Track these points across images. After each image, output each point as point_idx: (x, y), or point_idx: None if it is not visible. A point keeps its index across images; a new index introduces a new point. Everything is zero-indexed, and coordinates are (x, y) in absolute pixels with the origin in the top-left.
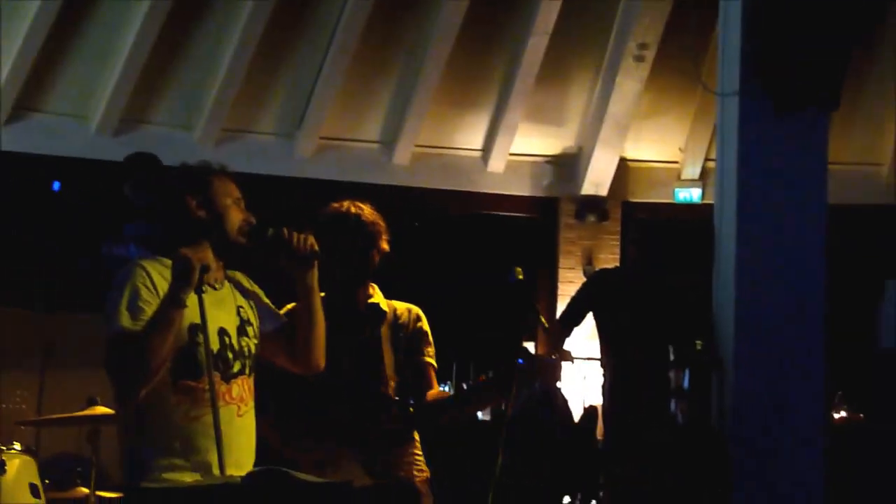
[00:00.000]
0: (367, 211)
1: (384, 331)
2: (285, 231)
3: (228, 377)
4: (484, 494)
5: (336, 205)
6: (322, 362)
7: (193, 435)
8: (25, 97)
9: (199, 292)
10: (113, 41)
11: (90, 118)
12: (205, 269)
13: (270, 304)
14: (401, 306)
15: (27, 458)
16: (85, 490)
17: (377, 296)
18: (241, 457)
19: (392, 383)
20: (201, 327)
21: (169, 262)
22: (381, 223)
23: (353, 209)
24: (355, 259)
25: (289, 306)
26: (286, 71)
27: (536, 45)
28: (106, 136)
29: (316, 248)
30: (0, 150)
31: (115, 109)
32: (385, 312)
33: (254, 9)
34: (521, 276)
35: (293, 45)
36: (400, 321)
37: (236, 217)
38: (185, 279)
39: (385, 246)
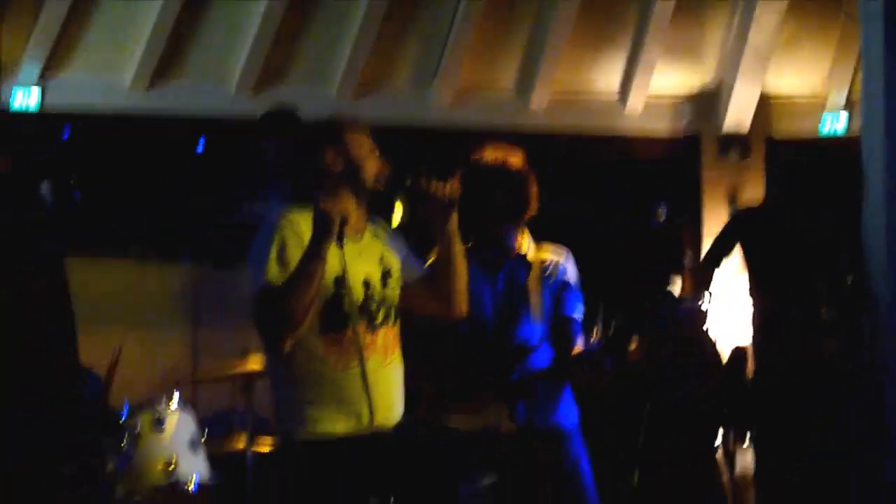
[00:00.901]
0: (512, 158)
1: (531, 281)
2: (423, 180)
3: (374, 327)
4: (634, 439)
5: (485, 152)
6: (464, 309)
7: (343, 385)
8: (167, 61)
9: (340, 244)
10: (247, 2)
11: (229, 79)
12: (344, 221)
13: (410, 252)
14: (548, 254)
15: (184, 413)
16: (242, 441)
17: (526, 243)
18: (391, 404)
19: (536, 330)
20: (344, 279)
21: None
22: (530, 169)
23: (500, 158)
24: (506, 206)
25: (432, 257)
26: (420, 21)
27: None
28: (245, 95)
29: (455, 195)
30: (146, 113)
31: (253, 69)
32: (532, 263)
33: None
34: (663, 218)
35: None
36: (546, 270)
37: (373, 167)
38: (325, 232)
39: (534, 192)
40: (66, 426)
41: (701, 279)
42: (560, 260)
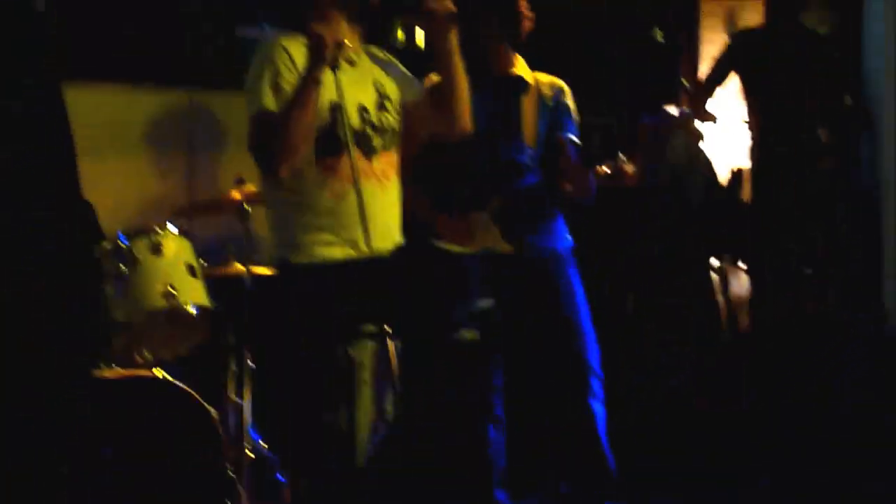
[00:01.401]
0: None
1: (526, 102)
2: None
3: (370, 153)
4: (630, 262)
5: None
6: (468, 125)
7: (340, 211)
8: None
9: (335, 69)
10: None
11: None
12: (338, 44)
13: (408, 73)
14: (545, 79)
15: (182, 238)
16: (240, 267)
17: (521, 67)
18: (388, 229)
19: (531, 152)
20: (339, 105)
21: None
22: None
23: None
24: (497, 27)
25: (432, 76)
26: None
27: None
28: None
29: (453, 10)
30: None
31: None
32: (528, 83)
33: None
34: (660, 39)
35: None
36: (542, 93)
37: None
38: (319, 56)
39: (527, 14)
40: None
41: (698, 99)
42: (558, 83)
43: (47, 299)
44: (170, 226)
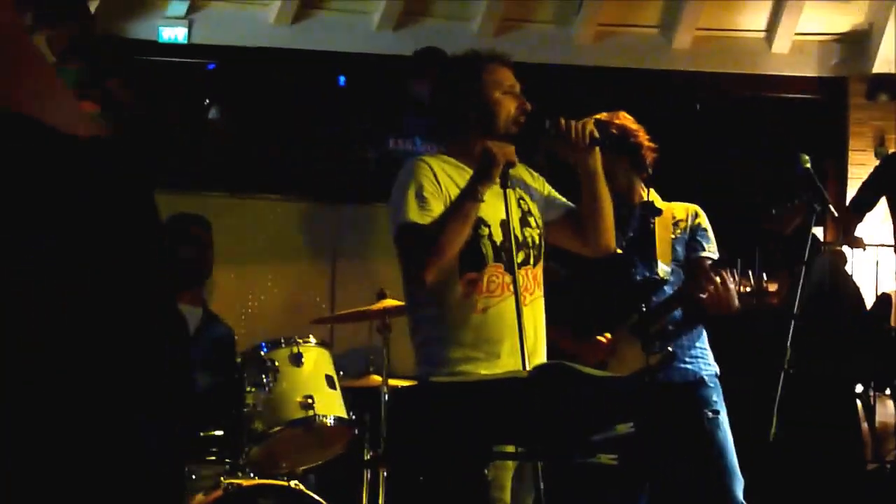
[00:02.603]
0: (621, 116)
1: (659, 224)
2: (562, 121)
3: (513, 267)
4: (773, 386)
5: (601, 116)
6: (613, 243)
7: (483, 326)
8: None
9: (505, 188)
10: None
11: (372, 13)
12: (510, 164)
13: (553, 192)
14: (679, 207)
15: (322, 350)
16: (378, 379)
17: (652, 196)
18: (531, 344)
19: (665, 269)
20: (482, 219)
21: (450, 158)
22: (638, 129)
23: (604, 117)
24: (623, 167)
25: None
26: None
27: None
28: (387, 30)
29: (595, 134)
30: (289, 47)
31: (395, 4)
32: (659, 209)
33: None
34: (808, 165)
35: None
36: (676, 218)
37: (508, 107)
38: (488, 173)
39: (648, 145)
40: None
41: (846, 224)
42: (692, 207)
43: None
44: (311, 336)
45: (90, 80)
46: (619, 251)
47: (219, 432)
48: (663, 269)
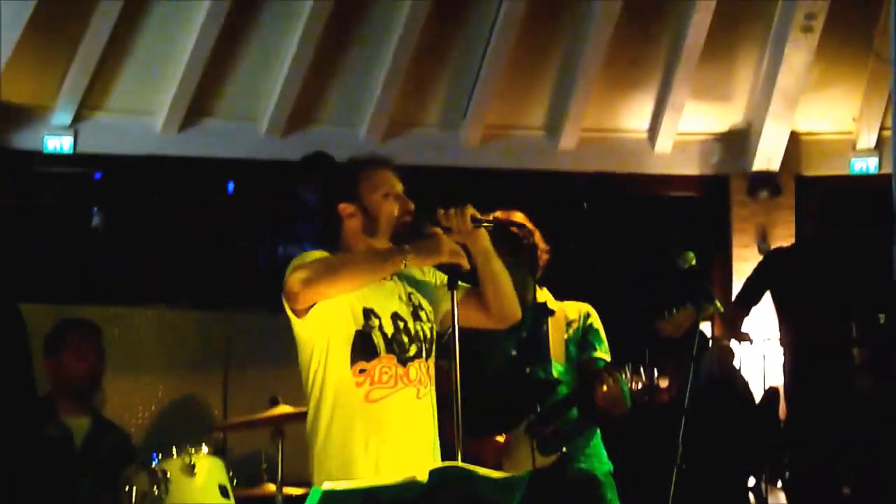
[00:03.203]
0: (515, 216)
1: (552, 325)
2: (440, 212)
3: (405, 360)
4: (667, 481)
5: (493, 215)
6: (518, 312)
7: (375, 415)
8: (197, 103)
9: (452, 288)
10: (277, 45)
11: (259, 120)
12: (451, 266)
13: (440, 281)
14: (571, 306)
15: (215, 459)
16: (272, 487)
17: (545, 297)
18: (424, 437)
19: (559, 369)
20: (373, 311)
21: None
22: (533, 230)
23: (501, 216)
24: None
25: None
26: (449, 62)
27: (700, 20)
28: (275, 136)
29: (477, 215)
30: (177, 155)
31: (283, 111)
32: (552, 310)
33: (413, 5)
34: (692, 262)
35: (454, 37)
36: (569, 319)
37: (389, 209)
38: (425, 252)
39: (541, 245)
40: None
41: (732, 320)
42: (584, 307)
43: None
44: (203, 445)
45: None
46: (513, 352)
47: None
48: (558, 369)
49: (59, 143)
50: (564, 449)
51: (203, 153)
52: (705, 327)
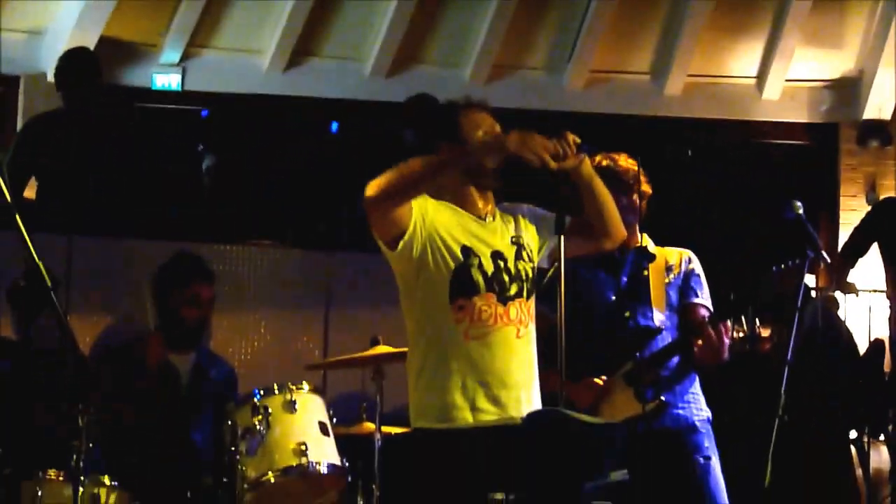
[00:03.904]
0: (620, 160)
1: (653, 270)
2: (545, 143)
3: (505, 299)
4: (767, 433)
5: (596, 158)
6: (624, 231)
7: (474, 353)
8: (303, 43)
9: (560, 231)
10: None
11: (365, 61)
12: (518, 162)
13: (546, 213)
14: (672, 252)
15: (315, 396)
16: (371, 426)
17: (647, 243)
18: (523, 376)
19: (660, 317)
20: (472, 249)
21: (446, 203)
22: (636, 168)
23: (604, 161)
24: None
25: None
26: (555, 5)
27: None
28: (380, 77)
29: (578, 140)
30: (282, 94)
31: (388, 51)
32: (653, 255)
33: None
34: (799, 211)
35: None
36: (669, 263)
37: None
38: (485, 150)
39: (645, 189)
40: None
41: (838, 271)
42: (685, 253)
43: None
44: (304, 383)
45: None
46: (613, 297)
47: (209, 480)
48: (658, 316)
49: (167, 80)
50: (663, 397)
51: (308, 93)
52: (810, 278)
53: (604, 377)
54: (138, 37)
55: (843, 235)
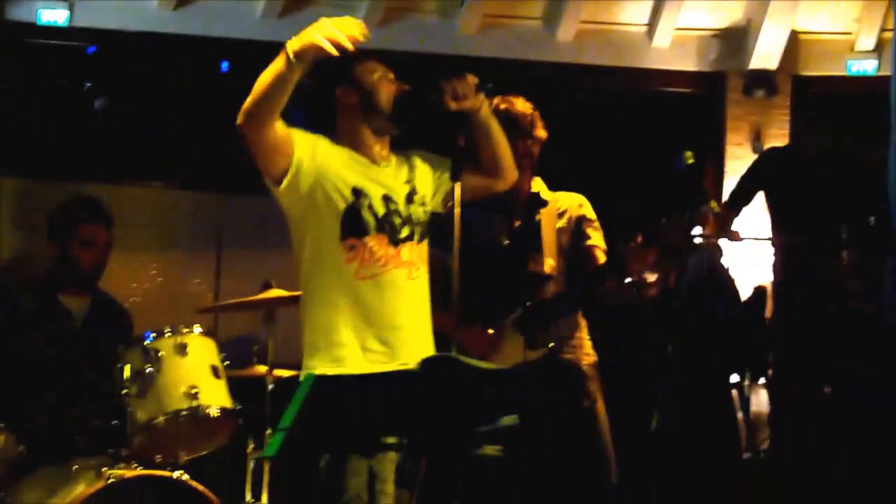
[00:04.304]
0: (517, 104)
1: (545, 216)
2: (445, 84)
3: (396, 241)
4: (652, 376)
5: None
6: (515, 172)
7: (364, 293)
8: None
9: (456, 178)
10: None
11: (256, 0)
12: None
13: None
14: (564, 196)
15: (207, 339)
16: (262, 368)
17: (539, 187)
18: (413, 318)
19: (551, 263)
20: (362, 191)
21: (341, 146)
22: (532, 113)
23: (502, 105)
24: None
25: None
26: None
27: None
28: (271, 18)
29: (476, 81)
30: (171, 33)
31: None
32: (545, 201)
33: None
34: (691, 161)
35: None
36: (561, 208)
37: (387, 90)
38: (305, 39)
39: (540, 134)
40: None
41: (723, 218)
42: (577, 197)
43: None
44: (195, 326)
45: None
46: (506, 242)
47: (98, 422)
48: (549, 262)
49: (53, 15)
50: (552, 344)
51: (199, 32)
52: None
53: (491, 329)
54: None
55: (729, 183)
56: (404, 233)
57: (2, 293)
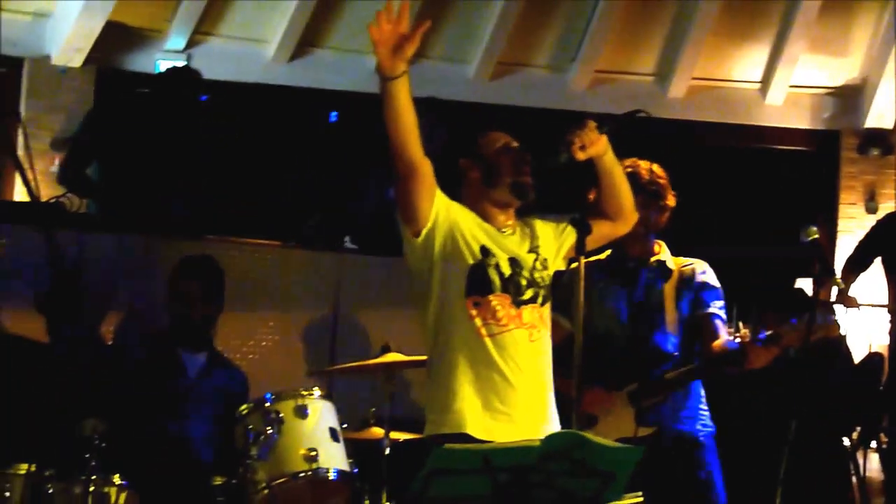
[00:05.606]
0: (644, 168)
1: (668, 287)
2: (571, 138)
3: (519, 302)
4: (773, 446)
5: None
6: (636, 214)
7: (487, 350)
8: (308, 34)
9: (584, 232)
10: None
11: (370, 53)
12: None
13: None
14: (684, 261)
15: (326, 402)
16: (380, 431)
17: (663, 253)
18: (533, 379)
19: (674, 340)
20: (490, 250)
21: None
22: (663, 180)
23: (630, 168)
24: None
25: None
26: (562, 3)
27: None
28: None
29: (596, 124)
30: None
31: None
32: (671, 270)
33: None
34: (815, 236)
35: None
36: (684, 276)
37: (508, 160)
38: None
39: (669, 202)
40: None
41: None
42: (700, 264)
43: None
44: (315, 389)
45: None
46: (628, 313)
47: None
48: (672, 339)
49: (171, 66)
50: (658, 425)
51: (312, 84)
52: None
53: (611, 391)
54: (144, 22)
55: (841, 242)
56: (528, 294)
57: (122, 346)
